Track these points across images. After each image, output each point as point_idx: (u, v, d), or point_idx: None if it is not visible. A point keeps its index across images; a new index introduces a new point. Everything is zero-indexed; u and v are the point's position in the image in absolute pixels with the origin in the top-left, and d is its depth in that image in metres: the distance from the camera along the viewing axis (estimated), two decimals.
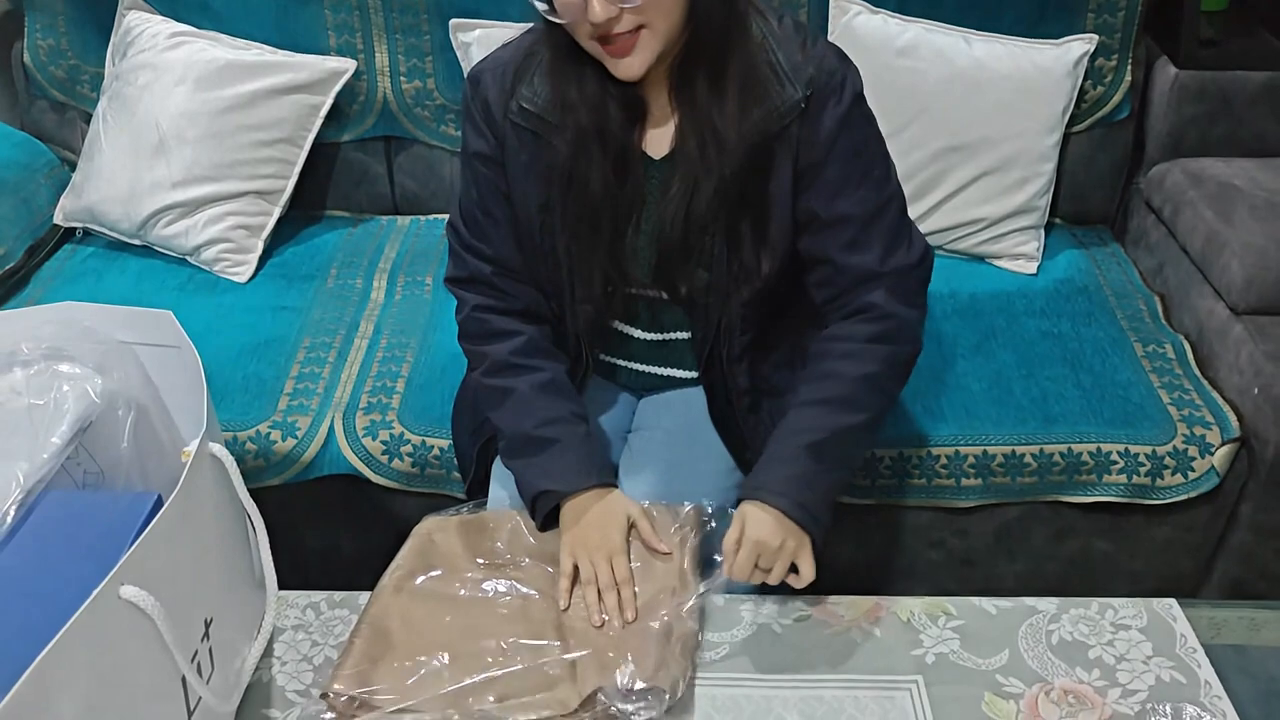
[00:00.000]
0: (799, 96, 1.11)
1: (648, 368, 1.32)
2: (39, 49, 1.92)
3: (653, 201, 1.17)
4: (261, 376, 1.59)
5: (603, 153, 1.13)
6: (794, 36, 1.13)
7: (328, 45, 1.86)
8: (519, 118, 1.14)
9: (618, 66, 1.07)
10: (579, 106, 1.11)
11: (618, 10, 1.01)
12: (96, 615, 0.75)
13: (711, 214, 1.14)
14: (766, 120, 1.11)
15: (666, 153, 1.16)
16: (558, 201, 1.16)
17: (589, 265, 1.19)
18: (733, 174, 1.12)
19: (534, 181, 1.16)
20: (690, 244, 1.16)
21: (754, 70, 1.11)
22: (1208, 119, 1.80)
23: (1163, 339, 1.64)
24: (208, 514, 0.93)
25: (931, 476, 1.48)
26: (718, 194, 1.13)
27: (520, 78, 1.14)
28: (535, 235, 1.19)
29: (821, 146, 1.13)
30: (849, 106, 1.13)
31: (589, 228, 1.16)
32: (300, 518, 1.57)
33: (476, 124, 1.18)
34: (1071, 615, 1.13)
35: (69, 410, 0.96)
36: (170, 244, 1.80)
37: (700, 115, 1.12)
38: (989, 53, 1.75)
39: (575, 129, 1.12)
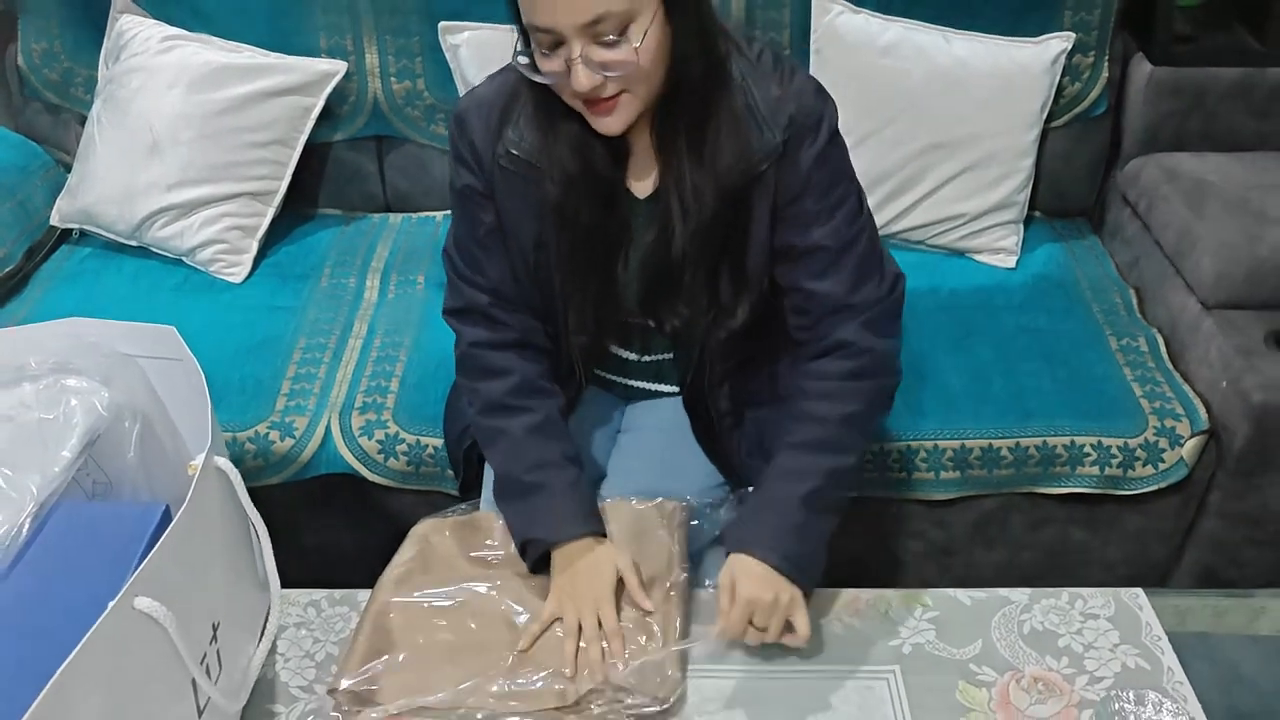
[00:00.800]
0: (777, 141, 1.12)
1: (637, 383, 1.36)
2: (33, 52, 1.95)
3: (639, 238, 1.19)
4: (259, 377, 1.62)
5: (590, 194, 1.14)
6: (771, 72, 1.14)
7: (318, 47, 1.89)
8: (506, 161, 1.15)
9: (599, 124, 1.08)
10: (565, 152, 1.12)
11: (601, 79, 1.02)
12: (113, 626, 0.79)
13: (691, 255, 1.15)
14: (744, 169, 1.12)
15: (651, 192, 1.18)
16: (550, 239, 1.17)
17: (582, 298, 1.21)
18: (709, 220, 1.13)
19: (526, 219, 1.18)
20: (672, 281, 1.18)
21: (733, 120, 1.11)
22: (1182, 114, 1.84)
23: (1137, 332, 1.69)
24: (214, 524, 0.98)
25: (911, 470, 1.53)
26: (695, 237, 1.14)
27: (505, 120, 1.15)
28: (530, 269, 1.21)
29: (798, 184, 1.15)
30: (824, 145, 1.14)
31: (581, 264, 1.18)
32: (299, 515, 1.61)
33: (465, 162, 1.19)
34: (1043, 605, 1.18)
35: (78, 423, 1.00)
36: (166, 245, 1.83)
37: (679, 165, 1.13)
38: (969, 51, 1.78)
39: (562, 173, 1.13)
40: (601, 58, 1.01)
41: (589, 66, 1.01)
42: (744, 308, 1.20)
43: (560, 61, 1.01)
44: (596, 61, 1.01)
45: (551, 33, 1.00)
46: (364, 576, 1.53)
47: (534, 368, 1.25)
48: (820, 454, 1.15)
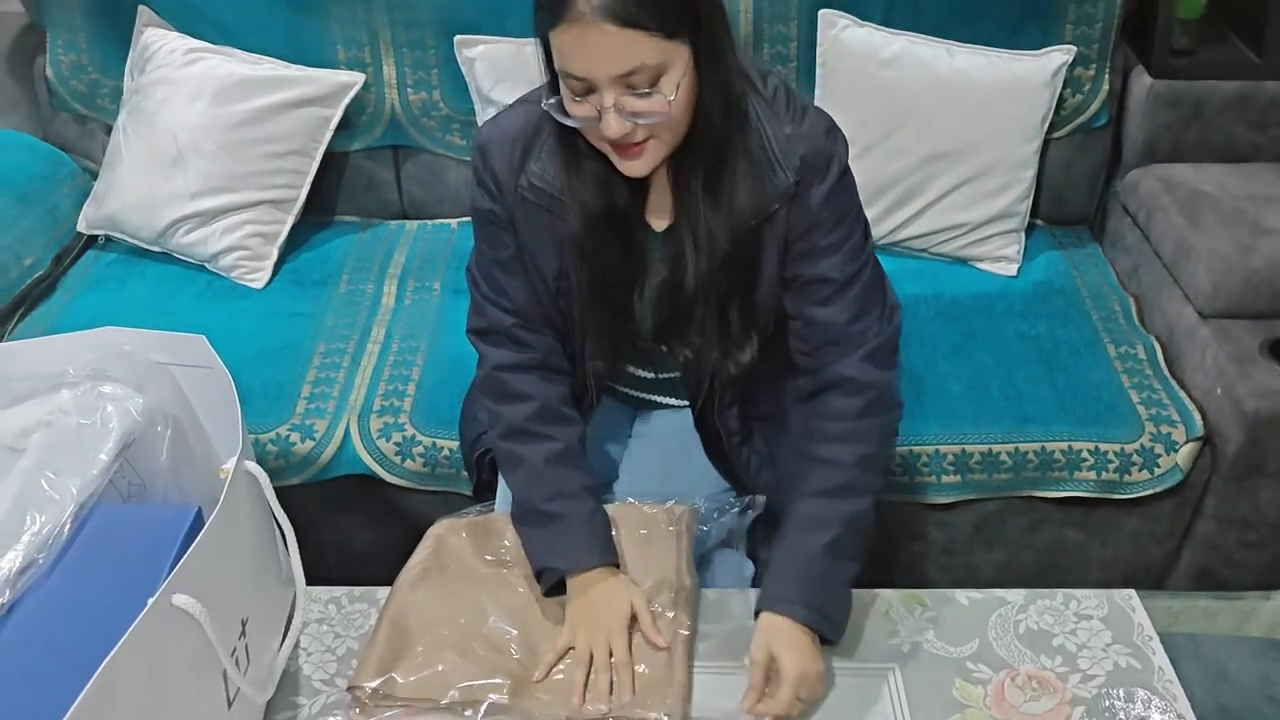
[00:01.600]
0: (789, 181, 1.14)
1: (648, 396, 1.40)
2: (60, 63, 2.00)
3: (654, 270, 1.22)
4: (280, 381, 1.67)
5: (610, 228, 1.17)
6: (784, 111, 1.16)
7: (337, 60, 1.93)
8: (529, 193, 1.17)
9: (625, 167, 1.10)
10: (587, 189, 1.14)
11: (631, 127, 1.04)
12: (153, 621, 0.84)
13: (702, 290, 1.18)
14: (757, 209, 1.15)
15: (667, 226, 1.21)
16: (571, 270, 1.20)
17: (598, 326, 1.24)
18: (722, 258, 1.16)
19: (547, 249, 1.20)
20: (684, 312, 1.21)
21: (749, 163, 1.14)
22: (1181, 126, 1.87)
23: (1135, 340, 1.72)
24: (244, 525, 1.02)
25: (913, 474, 1.57)
26: (708, 274, 1.17)
27: (528, 153, 1.17)
28: (551, 295, 1.23)
29: (807, 220, 1.17)
30: (834, 182, 1.16)
31: (598, 294, 1.21)
32: (317, 515, 1.66)
33: (488, 190, 1.21)
34: (1038, 606, 1.21)
35: (114, 429, 1.05)
36: (189, 251, 1.89)
37: (695, 204, 1.15)
38: (971, 64, 1.82)
39: (584, 210, 1.15)
40: (634, 107, 1.03)
41: (621, 115, 1.03)
42: (753, 341, 1.23)
43: (591, 108, 1.04)
44: (628, 110, 1.03)
45: (585, 81, 1.02)
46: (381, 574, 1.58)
47: (556, 391, 1.27)
48: (838, 499, 1.17)
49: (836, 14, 1.84)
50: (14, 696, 0.85)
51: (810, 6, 1.84)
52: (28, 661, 0.88)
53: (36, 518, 0.96)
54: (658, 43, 1.01)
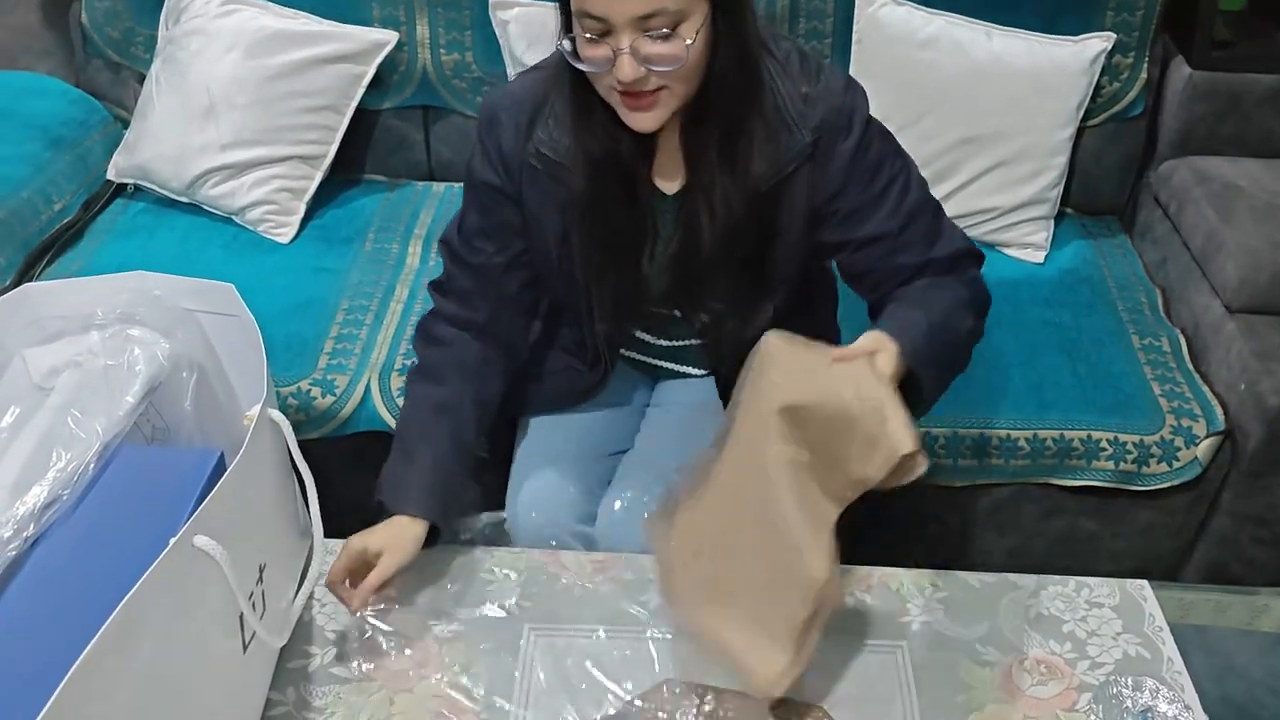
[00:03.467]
0: (806, 141, 1.14)
1: (662, 363, 1.40)
2: (96, 10, 2.00)
3: (665, 235, 1.22)
4: (303, 335, 1.68)
5: (616, 190, 1.17)
6: (799, 72, 1.15)
7: (371, 17, 1.93)
8: (535, 160, 1.18)
9: (633, 119, 1.09)
10: (593, 141, 1.14)
11: (645, 72, 1.04)
12: (173, 561, 0.85)
13: (717, 254, 1.18)
14: (773, 172, 1.14)
15: (678, 189, 1.20)
16: (574, 233, 1.20)
17: (605, 291, 1.24)
18: (736, 222, 1.15)
19: (551, 215, 1.20)
20: (699, 277, 1.21)
21: (764, 125, 1.13)
22: (1217, 118, 1.86)
23: (1160, 332, 1.71)
24: (265, 472, 1.04)
25: (930, 455, 1.56)
26: (724, 237, 1.16)
27: (535, 120, 1.17)
28: (554, 264, 1.24)
29: (836, 180, 1.16)
30: (859, 136, 1.15)
31: (605, 258, 1.21)
32: (335, 470, 1.65)
33: (490, 159, 1.21)
34: (1049, 592, 1.22)
35: (140, 372, 1.07)
36: (217, 204, 1.89)
37: (708, 167, 1.14)
38: (1008, 48, 1.81)
39: (589, 169, 1.15)
40: (649, 51, 1.02)
41: (635, 58, 1.02)
42: (778, 296, 1.23)
43: (606, 50, 1.03)
44: (644, 54, 1.02)
45: (603, 21, 1.02)
46: None
47: (478, 350, 1.27)
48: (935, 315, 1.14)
49: None
50: (35, 631, 0.87)
51: None
52: (50, 596, 0.89)
53: (62, 455, 0.97)
54: None
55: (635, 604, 1.19)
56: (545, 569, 1.24)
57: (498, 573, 1.23)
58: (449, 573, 1.23)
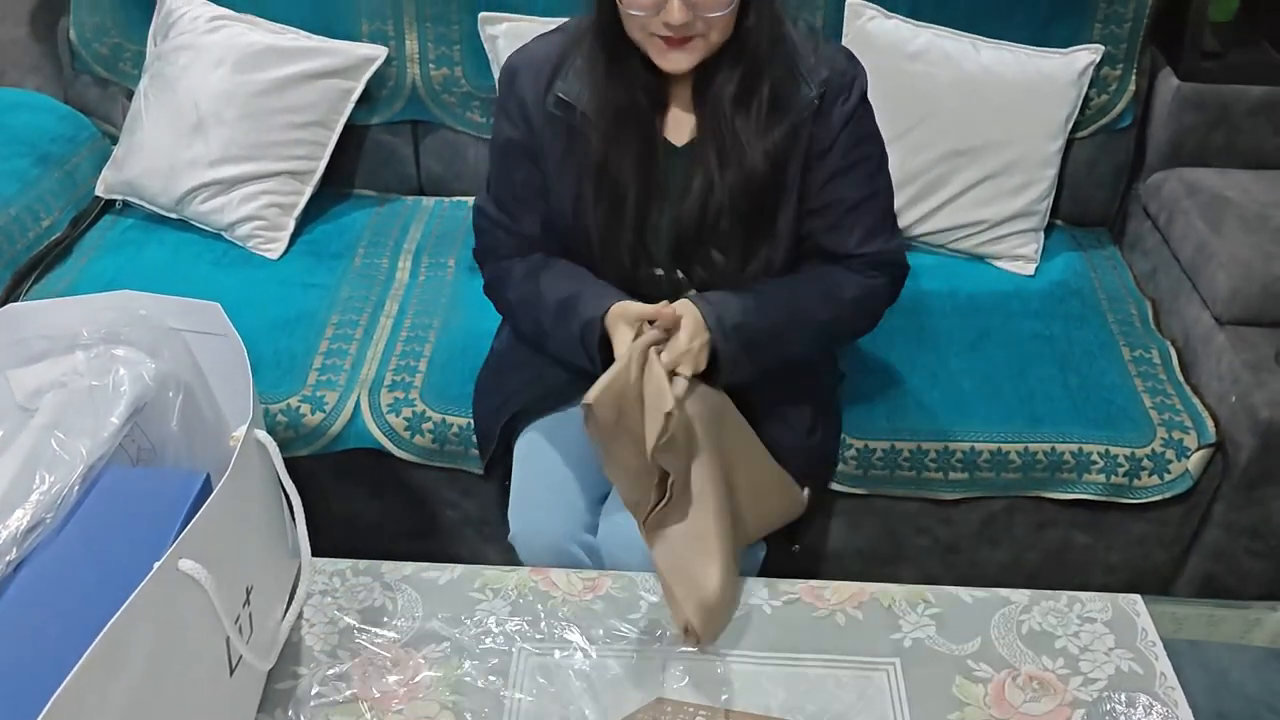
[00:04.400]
0: (813, 95, 1.24)
1: None
2: (84, 26, 2.00)
3: (674, 188, 1.27)
4: (292, 351, 1.67)
5: (632, 139, 1.24)
6: (807, 41, 1.25)
7: (360, 32, 1.93)
8: (555, 107, 1.25)
9: (667, 58, 1.18)
10: (619, 94, 1.22)
11: (692, 16, 1.13)
12: (158, 585, 0.84)
13: (727, 208, 1.25)
14: (784, 122, 1.23)
15: (687, 141, 1.27)
16: (588, 187, 1.26)
17: (616, 245, 1.29)
18: (750, 171, 1.23)
19: (568, 169, 1.27)
20: (705, 233, 1.27)
21: (783, 84, 1.22)
22: (1207, 129, 1.86)
23: (1150, 344, 1.71)
24: (252, 493, 1.03)
25: (921, 469, 1.56)
26: (733, 191, 1.24)
27: (556, 73, 1.25)
28: (569, 218, 1.30)
29: (828, 138, 1.26)
30: (856, 103, 1.26)
31: (616, 210, 1.27)
32: (325, 487, 1.66)
33: (511, 116, 1.29)
34: (1042, 607, 1.21)
35: (126, 392, 1.05)
36: (206, 219, 1.89)
37: (723, 122, 1.22)
38: (997, 59, 1.81)
39: (607, 115, 1.22)
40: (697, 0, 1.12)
41: (685, 4, 1.12)
42: (780, 252, 1.30)
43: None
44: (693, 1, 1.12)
45: None
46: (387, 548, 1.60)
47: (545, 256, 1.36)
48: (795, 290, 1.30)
49: (864, 4, 1.83)
50: (18, 655, 0.86)
51: None
52: (33, 620, 0.88)
53: (46, 477, 0.96)
54: None
55: (626, 623, 1.19)
56: (536, 587, 1.23)
57: (488, 592, 1.22)
58: (439, 592, 1.22)
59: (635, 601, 1.21)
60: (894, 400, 1.60)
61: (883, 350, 1.67)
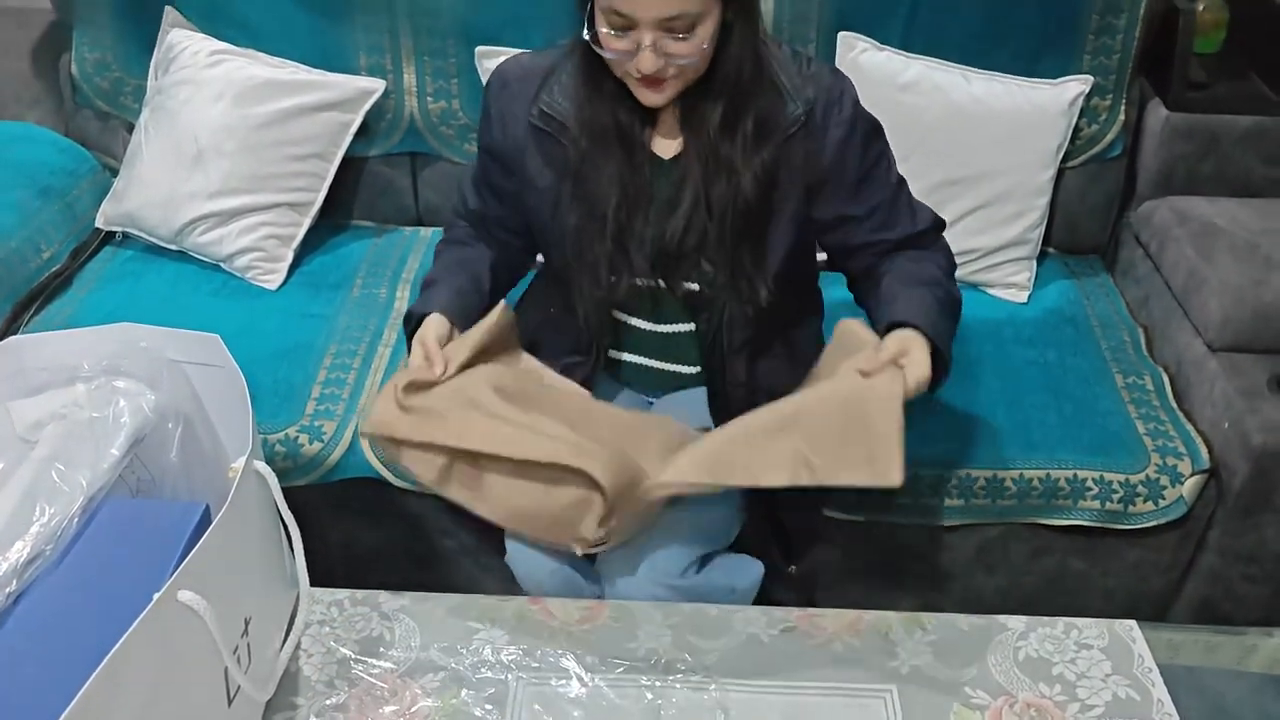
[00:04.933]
0: (799, 111, 1.25)
1: (651, 362, 1.43)
2: (85, 61, 2.02)
3: (660, 199, 1.30)
4: (290, 380, 1.68)
5: (613, 151, 1.26)
6: (792, 63, 1.27)
7: (359, 66, 1.95)
8: (539, 120, 1.28)
9: (645, 96, 1.22)
10: (595, 109, 1.25)
11: (664, 64, 1.16)
12: (158, 616, 0.85)
13: (715, 224, 1.27)
14: (768, 138, 1.24)
15: (675, 154, 1.29)
16: (566, 196, 1.29)
17: (594, 254, 1.31)
18: (738, 195, 1.25)
19: (547, 177, 1.30)
20: (690, 246, 1.29)
21: (769, 106, 1.24)
22: (1196, 158, 1.88)
23: (1143, 371, 1.72)
24: (251, 524, 1.03)
25: (917, 496, 1.57)
26: (721, 208, 1.26)
27: (542, 87, 1.29)
28: (547, 225, 1.33)
29: (833, 155, 1.28)
30: (851, 111, 1.28)
31: (596, 219, 1.29)
32: (323, 516, 1.66)
33: (491, 122, 1.35)
34: (1039, 633, 1.22)
35: (126, 424, 1.06)
36: (205, 250, 1.90)
37: (709, 149, 1.25)
38: (988, 90, 1.83)
39: (589, 129, 1.25)
40: (669, 48, 1.15)
41: (656, 53, 1.14)
42: (771, 266, 1.31)
43: (629, 43, 1.15)
44: (664, 50, 1.15)
45: (628, 19, 1.13)
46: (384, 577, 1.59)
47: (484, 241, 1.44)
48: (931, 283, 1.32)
49: (855, 37, 1.85)
50: (18, 687, 0.86)
51: (829, 29, 1.86)
52: (33, 652, 0.89)
53: (46, 509, 0.97)
54: None
55: (624, 651, 1.19)
56: (533, 616, 1.23)
57: (485, 621, 1.23)
58: (436, 621, 1.22)
59: (633, 630, 1.21)
60: None
61: None
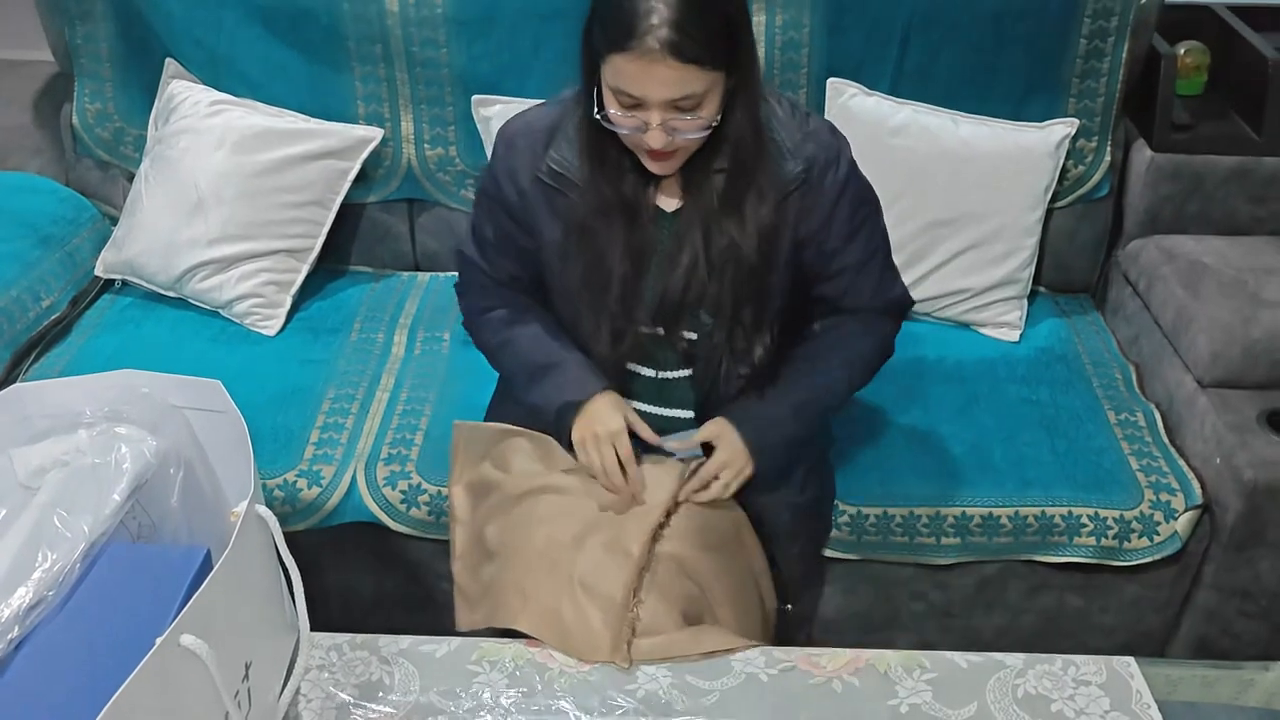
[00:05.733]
0: (798, 170, 1.28)
1: (648, 407, 1.44)
2: (87, 111, 2.05)
3: (662, 251, 1.32)
4: (289, 426, 1.69)
5: (618, 211, 1.29)
6: (792, 120, 1.29)
7: (357, 114, 1.98)
8: (547, 177, 1.30)
9: (654, 166, 1.25)
10: (601, 174, 1.27)
11: (671, 139, 1.19)
12: (160, 661, 0.85)
13: (715, 280, 1.29)
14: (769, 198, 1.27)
15: (677, 207, 1.32)
16: (574, 248, 1.31)
17: (601, 305, 1.33)
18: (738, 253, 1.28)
19: (555, 229, 1.32)
20: (691, 299, 1.32)
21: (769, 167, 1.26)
22: (1181, 198, 1.91)
23: (1135, 408, 1.74)
24: (252, 568, 1.04)
25: (914, 535, 1.58)
26: (721, 266, 1.28)
27: (549, 143, 1.31)
28: (555, 274, 1.35)
29: (824, 212, 1.30)
30: (846, 173, 1.31)
31: (602, 272, 1.31)
32: (322, 561, 1.66)
33: (499, 179, 1.35)
34: (1037, 671, 1.22)
35: (128, 469, 1.07)
36: (204, 297, 1.92)
37: (710, 211, 1.27)
38: (976, 133, 1.86)
39: (596, 199, 1.27)
40: (677, 124, 1.18)
41: (665, 130, 1.17)
42: (763, 334, 1.35)
43: (637, 120, 1.18)
44: (672, 126, 1.18)
45: (637, 100, 1.16)
46: (384, 621, 1.59)
47: (527, 299, 1.44)
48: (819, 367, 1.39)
49: (845, 83, 1.88)
50: None
51: (819, 75, 1.89)
52: (35, 698, 0.89)
53: (48, 555, 0.97)
54: (707, 74, 1.15)
55: (623, 694, 1.19)
56: (533, 660, 1.23)
57: (485, 664, 1.23)
58: (435, 665, 1.22)
59: (632, 672, 1.22)
60: (886, 466, 1.62)
61: (874, 417, 1.69)
